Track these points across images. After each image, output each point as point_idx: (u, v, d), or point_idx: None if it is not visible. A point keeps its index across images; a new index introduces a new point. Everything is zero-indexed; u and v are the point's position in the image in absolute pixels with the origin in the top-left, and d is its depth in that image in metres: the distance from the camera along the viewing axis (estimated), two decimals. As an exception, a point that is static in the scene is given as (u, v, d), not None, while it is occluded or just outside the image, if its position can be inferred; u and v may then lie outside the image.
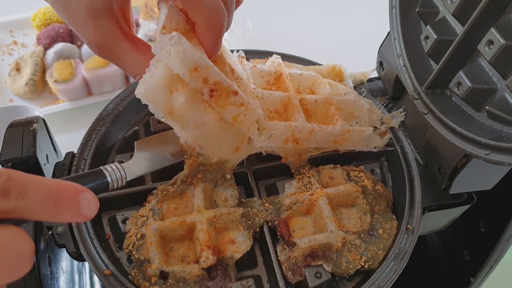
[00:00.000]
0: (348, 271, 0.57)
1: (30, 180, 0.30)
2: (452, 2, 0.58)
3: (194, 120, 0.52)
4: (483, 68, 0.56)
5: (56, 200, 0.31)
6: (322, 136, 0.61)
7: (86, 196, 0.33)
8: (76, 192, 0.32)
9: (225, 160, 0.59)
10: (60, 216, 0.31)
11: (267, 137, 0.58)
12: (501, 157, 0.50)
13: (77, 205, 0.32)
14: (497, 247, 0.66)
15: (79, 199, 0.32)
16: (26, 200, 0.30)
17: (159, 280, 0.53)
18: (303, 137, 0.60)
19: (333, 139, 0.62)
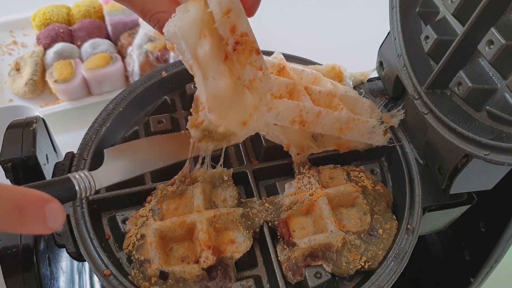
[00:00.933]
0: (348, 271, 0.56)
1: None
2: (452, 2, 0.58)
3: (213, 73, 0.51)
4: (483, 68, 0.56)
5: (21, 211, 0.29)
6: (329, 121, 0.61)
7: (53, 207, 0.30)
8: (43, 202, 0.30)
9: (232, 132, 0.57)
10: (23, 227, 0.29)
11: (274, 115, 0.57)
12: (501, 157, 0.50)
13: (43, 217, 0.30)
14: (497, 247, 0.66)
15: (45, 210, 0.30)
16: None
17: (159, 280, 0.53)
18: (310, 119, 0.60)
19: (338, 125, 0.62)
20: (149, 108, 0.73)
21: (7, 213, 0.28)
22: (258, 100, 0.55)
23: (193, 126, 0.55)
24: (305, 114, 0.59)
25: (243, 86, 0.54)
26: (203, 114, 0.54)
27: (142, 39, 1.22)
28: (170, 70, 0.74)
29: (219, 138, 0.56)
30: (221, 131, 0.56)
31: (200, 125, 0.54)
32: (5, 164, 0.59)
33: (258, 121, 0.57)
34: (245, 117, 0.56)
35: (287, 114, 0.58)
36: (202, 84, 0.52)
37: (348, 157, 0.68)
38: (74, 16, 1.34)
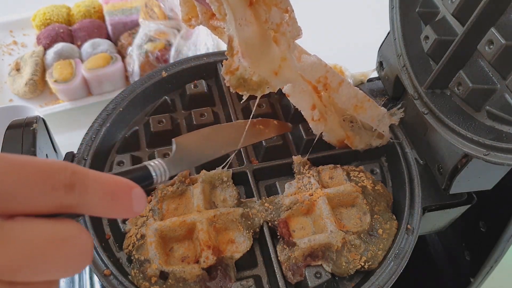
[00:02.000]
0: (348, 271, 0.57)
1: (91, 176, 0.30)
2: (452, 2, 0.58)
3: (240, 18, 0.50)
4: (483, 68, 0.56)
5: (112, 197, 0.31)
6: (348, 93, 0.61)
7: (138, 193, 0.32)
8: (130, 189, 0.32)
9: (266, 81, 0.56)
10: (113, 212, 0.31)
11: (303, 67, 0.58)
12: (501, 157, 0.50)
13: (130, 202, 0.32)
14: (497, 247, 0.66)
15: (132, 195, 0.32)
16: (87, 196, 0.29)
17: (159, 280, 0.53)
18: (333, 85, 0.60)
19: (355, 102, 0.62)
20: (149, 108, 0.73)
21: (102, 199, 0.30)
22: (286, 47, 0.54)
23: (228, 72, 0.54)
24: (330, 77, 0.59)
25: (270, 36, 0.53)
26: (237, 58, 0.52)
27: (142, 39, 1.22)
28: (170, 70, 0.74)
29: (254, 87, 0.55)
30: (256, 80, 0.55)
31: (235, 72, 0.53)
32: (5, 164, 0.59)
33: (289, 70, 0.56)
34: (275, 67, 0.55)
35: (315, 70, 0.58)
36: (234, 27, 0.51)
37: (348, 157, 0.68)
38: (74, 16, 1.34)
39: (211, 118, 0.70)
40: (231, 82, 0.54)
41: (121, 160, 0.65)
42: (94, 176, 0.30)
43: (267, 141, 0.67)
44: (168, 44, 1.22)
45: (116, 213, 0.32)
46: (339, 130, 0.66)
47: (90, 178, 0.30)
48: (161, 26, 1.24)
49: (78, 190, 0.29)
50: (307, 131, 0.69)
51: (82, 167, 0.31)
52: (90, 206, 0.30)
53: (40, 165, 0.28)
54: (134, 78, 1.19)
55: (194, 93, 0.73)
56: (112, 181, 0.31)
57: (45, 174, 0.28)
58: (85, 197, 0.29)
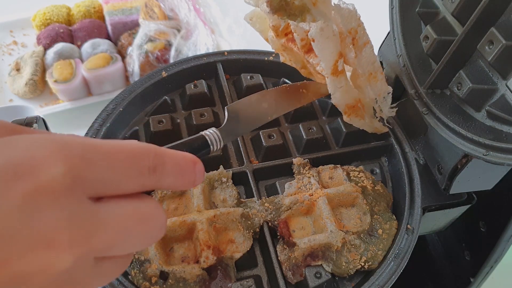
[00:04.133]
0: (348, 271, 0.57)
1: (167, 156, 0.33)
2: (452, 2, 0.58)
3: None
4: (483, 68, 0.56)
5: (183, 174, 0.34)
6: (370, 57, 0.60)
7: (200, 167, 0.35)
8: (194, 165, 0.35)
9: (307, 8, 0.54)
10: (179, 187, 0.34)
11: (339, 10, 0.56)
12: (501, 157, 0.50)
13: (194, 177, 0.35)
14: (497, 247, 0.66)
15: (196, 170, 0.35)
16: (164, 176, 0.32)
17: (159, 280, 0.53)
18: (360, 42, 0.59)
19: (371, 69, 0.61)
20: (149, 108, 0.73)
21: (175, 177, 0.33)
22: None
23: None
24: (360, 32, 0.58)
25: None
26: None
27: (142, 39, 1.22)
28: (170, 70, 0.74)
29: (296, 12, 0.54)
30: (298, 4, 0.53)
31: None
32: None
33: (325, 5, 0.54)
34: None
35: (350, 19, 0.57)
36: None
37: (348, 157, 0.68)
38: (74, 16, 1.34)
39: (211, 118, 0.70)
40: (272, 4, 0.52)
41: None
42: (170, 155, 0.33)
43: (267, 141, 0.67)
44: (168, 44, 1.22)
45: (181, 187, 0.35)
46: (353, 91, 0.63)
47: (167, 159, 0.33)
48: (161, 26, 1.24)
49: (159, 172, 0.32)
50: (307, 131, 0.69)
51: (160, 148, 0.33)
52: (164, 184, 0.33)
53: (128, 152, 0.30)
54: (134, 78, 1.19)
55: (194, 93, 0.73)
56: (182, 158, 0.34)
57: (133, 160, 0.30)
58: (163, 177, 0.32)
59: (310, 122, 0.72)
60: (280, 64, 0.78)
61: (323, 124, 0.73)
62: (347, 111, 0.64)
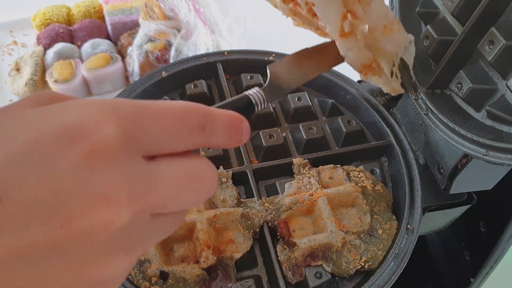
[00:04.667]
0: (348, 271, 0.57)
1: (216, 114, 0.33)
2: (452, 2, 0.58)
3: None
4: (483, 68, 0.56)
5: (230, 132, 0.34)
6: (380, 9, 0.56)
7: (246, 125, 0.36)
8: (240, 123, 0.35)
9: None
10: (226, 145, 0.35)
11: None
12: (501, 157, 0.50)
13: (241, 135, 0.35)
14: (497, 247, 0.66)
15: (242, 128, 0.35)
16: (213, 134, 0.33)
17: (159, 280, 0.53)
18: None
19: (385, 22, 0.57)
20: (149, 108, 0.73)
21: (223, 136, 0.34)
22: None
23: None
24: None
25: None
26: None
27: (142, 39, 1.22)
28: (170, 70, 0.74)
29: None
30: None
31: None
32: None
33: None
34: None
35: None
36: None
37: (348, 157, 0.68)
38: (74, 16, 1.34)
39: (211, 118, 0.70)
40: None
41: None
42: (218, 114, 0.33)
43: (267, 141, 0.67)
44: (168, 44, 1.22)
45: (229, 145, 0.35)
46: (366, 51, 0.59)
47: (215, 117, 0.33)
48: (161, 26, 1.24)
49: (208, 130, 0.32)
50: (307, 131, 0.69)
51: (207, 107, 0.33)
52: (213, 142, 0.33)
53: (178, 111, 0.30)
54: (134, 78, 1.19)
55: (194, 93, 0.73)
56: (229, 117, 0.34)
57: (183, 119, 0.31)
58: (212, 135, 0.33)
59: (310, 122, 0.72)
60: (280, 64, 0.78)
61: (323, 124, 0.73)
62: (362, 70, 0.61)
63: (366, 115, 0.73)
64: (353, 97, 0.74)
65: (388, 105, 0.74)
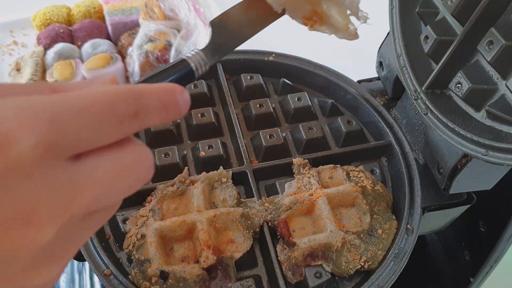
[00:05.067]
0: (348, 271, 0.57)
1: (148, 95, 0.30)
2: (452, 2, 0.58)
3: None
4: (483, 68, 0.56)
5: (166, 109, 0.32)
6: None
7: (182, 96, 0.33)
8: (175, 95, 0.33)
9: None
10: (164, 121, 0.33)
11: None
12: (501, 157, 0.50)
13: (178, 108, 0.33)
14: (497, 247, 0.66)
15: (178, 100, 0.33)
16: (147, 117, 0.30)
17: (159, 280, 0.53)
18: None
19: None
20: (149, 108, 0.73)
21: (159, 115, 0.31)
22: None
23: None
24: None
25: None
26: None
27: (142, 39, 1.22)
28: (170, 70, 0.74)
29: None
30: None
31: None
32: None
33: None
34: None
35: None
36: None
37: (348, 157, 0.68)
38: (74, 16, 1.34)
39: (211, 118, 0.70)
40: None
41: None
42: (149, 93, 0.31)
43: (267, 141, 0.67)
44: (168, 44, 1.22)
45: (168, 121, 0.33)
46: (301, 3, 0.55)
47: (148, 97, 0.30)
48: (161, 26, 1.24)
49: (142, 115, 0.30)
50: (307, 131, 0.69)
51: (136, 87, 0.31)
52: (149, 123, 0.31)
53: (103, 102, 0.28)
54: (135, 78, 1.20)
55: (194, 93, 0.73)
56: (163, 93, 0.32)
57: (110, 112, 0.28)
58: (146, 118, 0.30)
59: (310, 122, 0.72)
60: (280, 64, 0.78)
61: (323, 124, 0.73)
62: (306, 23, 0.58)
63: (366, 115, 0.73)
64: (353, 97, 0.74)
65: (388, 105, 0.74)
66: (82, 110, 0.27)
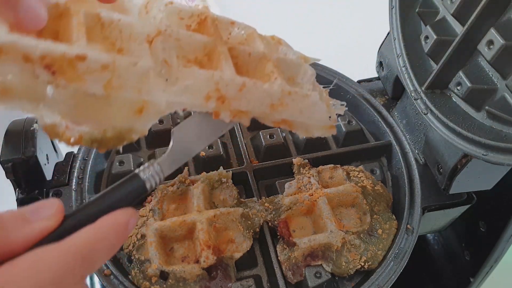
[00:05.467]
0: (348, 271, 0.57)
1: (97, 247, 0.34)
2: (452, 2, 0.58)
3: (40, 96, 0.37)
4: (483, 68, 0.56)
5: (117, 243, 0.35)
6: (256, 96, 0.46)
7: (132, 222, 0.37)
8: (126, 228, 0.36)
9: (128, 129, 0.43)
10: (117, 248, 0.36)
11: (181, 89, 0.42)
12: (501, 157, 0.50)
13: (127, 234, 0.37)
14: (497, 247, 0.66)
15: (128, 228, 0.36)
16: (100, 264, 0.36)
17: (159, 280, 0.53)
18: (231, 95, 0.45)
19: (269, 101, 0.47)
20: (149, 108, 0.73)
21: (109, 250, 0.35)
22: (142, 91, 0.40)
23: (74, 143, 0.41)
24: (223, 88, 0.44)
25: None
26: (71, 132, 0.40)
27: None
28: (170, 70, 0.74)
29: (114, 142, 0.43)
30: (112, 135, 0.42)
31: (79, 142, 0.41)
32: (5, 164, 0.59)
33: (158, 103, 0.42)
34: (137, 104, 0.41)
35: (199, 88, 0.43)
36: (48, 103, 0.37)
37: (348, 157, 0.68)
38: None
39: (211, 118, 0.70)
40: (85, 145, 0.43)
41: (122, 160, 0.65)
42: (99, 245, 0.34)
43: (267, 140, 0.67)
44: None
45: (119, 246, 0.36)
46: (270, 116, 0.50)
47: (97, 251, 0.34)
48: (161, 26, 1.24)
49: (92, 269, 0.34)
50: (307, 131, 0.69)
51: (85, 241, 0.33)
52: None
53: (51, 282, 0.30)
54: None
55: (194, 93, 0.73)
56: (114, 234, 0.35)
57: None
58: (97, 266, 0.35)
59: (310, 122, 0.72)
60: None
61: (323, 124, 0.73)
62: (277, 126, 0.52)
63: (366, 115, 0.73)
64: (353, 97, 0.74)
65: (388, 105, 0.74)
66: None
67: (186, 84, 0.42)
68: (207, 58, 0.48)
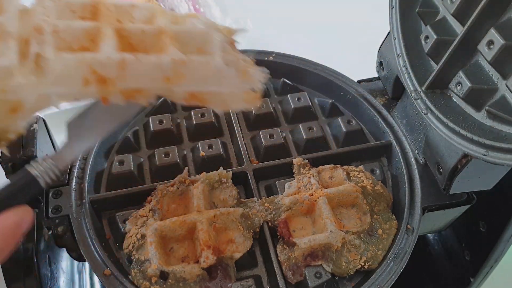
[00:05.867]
0: (348, 271, 0.57)
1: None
2: (452, 2, 0.58)
3: None
4: (483, 68, 0.56)
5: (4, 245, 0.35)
6: (144, 71, 0.43)
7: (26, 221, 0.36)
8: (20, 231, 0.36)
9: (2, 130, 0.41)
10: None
11: (52, 80, 0.39)
12: (501, 157, 0.50)
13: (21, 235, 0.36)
14: (497, 247, 0.66)
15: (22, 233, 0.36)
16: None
17: (159, 280, 0.53)
18: (113, 74, 0.42)
19: (161, 75, 0.44)
20: (149, 108, 0.73)
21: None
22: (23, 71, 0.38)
23: None
24: (100, 69, 0.41)
25: None
26: None
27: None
28: (170, 70, 0.74)
29: None
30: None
31: None
32: (5, 164, 0.59)
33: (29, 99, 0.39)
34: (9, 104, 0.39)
35: (71, 74, 0.40)
36: None
37: (348, 157, 0.68)
38: None
39: (211, 118, 0.70)
40: None
41: (122, 160, 0.65)
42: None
43: (267, 140, 0.67)
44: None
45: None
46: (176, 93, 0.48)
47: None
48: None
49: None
50: (307, 131, 0.69)
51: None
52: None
53: None
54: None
55: (194, 93, 0.73)
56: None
57: None
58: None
59: (310, 122, 0.72)
60: (280, 64, 0.78)
61: (323, 124, 0.73)
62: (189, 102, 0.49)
63: (366, 115, 0.73)
64: (353, 97, 0.74)
65: (388, 105, 0.74)
66: None
67: (56, 73, 0.39)
68: (93, 44, 0.44)
